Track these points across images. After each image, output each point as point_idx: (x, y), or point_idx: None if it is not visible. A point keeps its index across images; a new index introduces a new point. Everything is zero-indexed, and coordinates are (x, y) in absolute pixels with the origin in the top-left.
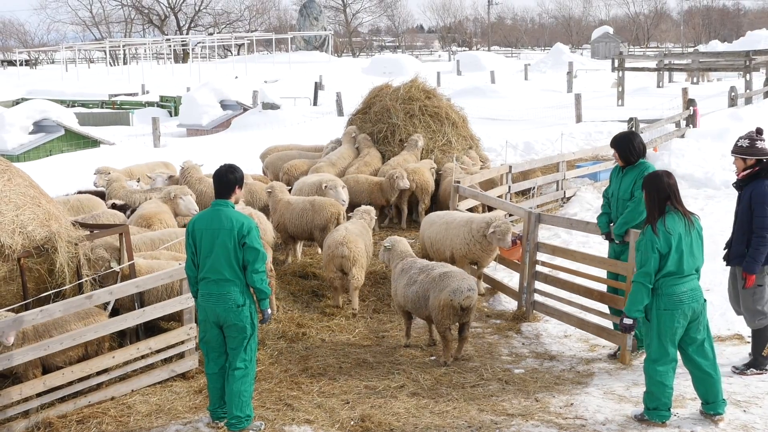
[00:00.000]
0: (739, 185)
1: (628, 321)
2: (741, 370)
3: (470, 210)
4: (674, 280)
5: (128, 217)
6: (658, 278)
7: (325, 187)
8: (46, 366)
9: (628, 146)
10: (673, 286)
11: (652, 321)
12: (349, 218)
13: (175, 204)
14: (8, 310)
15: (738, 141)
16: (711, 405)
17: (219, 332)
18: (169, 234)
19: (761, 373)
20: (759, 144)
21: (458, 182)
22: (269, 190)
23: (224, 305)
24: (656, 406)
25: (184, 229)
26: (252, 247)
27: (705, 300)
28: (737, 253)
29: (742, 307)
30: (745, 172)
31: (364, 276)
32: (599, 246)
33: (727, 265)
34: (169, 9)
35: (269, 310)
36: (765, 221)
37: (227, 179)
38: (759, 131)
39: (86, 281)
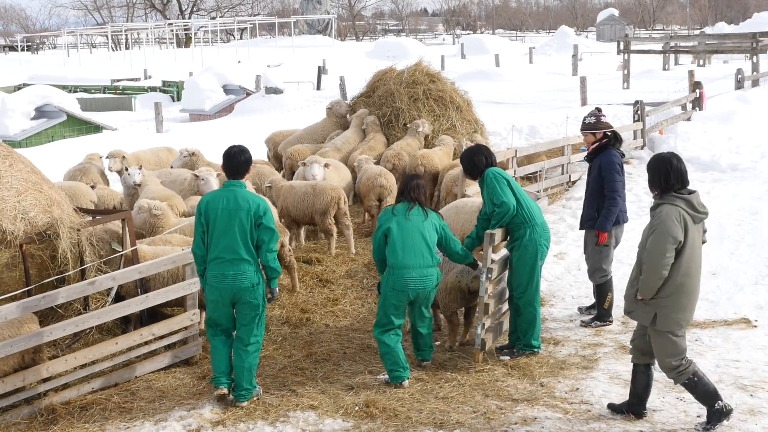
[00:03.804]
0: (589, 158)
1: None
2: (587, 323)
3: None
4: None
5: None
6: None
7: (303, 164)
8: None
9: (466, 161)
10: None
11: (381, 294)
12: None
13: (199, 184)
14: (10, 297)
15: (585, 119)
16: (421, 353)
17: (230, 310)
18: None
19: (605, 325)
20: (604, 119)
21: None
22: (269, 185)
23: (240, 285)
24: (391, 367)
25: None
26: (268, 227)
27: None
28: (587, 217)
29: (589, 264)
30: (594, 146)
31: None
32: None
33: (580, 229)
34: None
35: (277, 289)
36: (614, 185)
37: (239, 160)
38: (599, 109)
39: (89, 267)
